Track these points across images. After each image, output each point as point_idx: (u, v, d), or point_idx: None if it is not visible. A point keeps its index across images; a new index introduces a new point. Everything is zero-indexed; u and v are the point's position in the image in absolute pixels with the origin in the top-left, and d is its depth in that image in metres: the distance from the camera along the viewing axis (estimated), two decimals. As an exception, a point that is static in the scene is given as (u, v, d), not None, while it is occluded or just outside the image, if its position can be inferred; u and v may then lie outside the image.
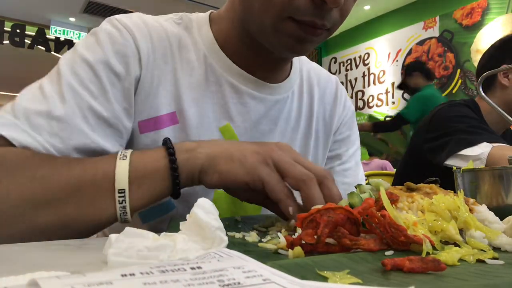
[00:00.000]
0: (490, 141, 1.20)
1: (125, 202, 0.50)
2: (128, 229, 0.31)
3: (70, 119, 0.56)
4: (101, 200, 0.51)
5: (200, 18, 0.75)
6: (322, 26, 0.62)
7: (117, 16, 0.68)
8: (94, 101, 0.59)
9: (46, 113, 0.55)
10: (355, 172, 0.87)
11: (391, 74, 6.10)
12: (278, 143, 0.57)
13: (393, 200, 0.41)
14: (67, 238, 0.49)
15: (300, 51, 0.67)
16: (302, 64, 0.85)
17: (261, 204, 0.61)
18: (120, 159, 0.52)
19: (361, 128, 3.29)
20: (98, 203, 0.51)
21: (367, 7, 6.13)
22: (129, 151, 0.54)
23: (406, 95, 5.79)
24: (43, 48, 6.33)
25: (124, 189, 0.50)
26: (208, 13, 0.77)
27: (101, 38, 0.64)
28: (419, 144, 1.44)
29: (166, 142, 0.55)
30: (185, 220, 0.36)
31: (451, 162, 1.25)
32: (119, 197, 0.50)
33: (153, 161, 0.53)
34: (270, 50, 0.68)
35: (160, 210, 0.68)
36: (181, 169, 0.53)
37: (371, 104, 6.37)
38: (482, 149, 1.18)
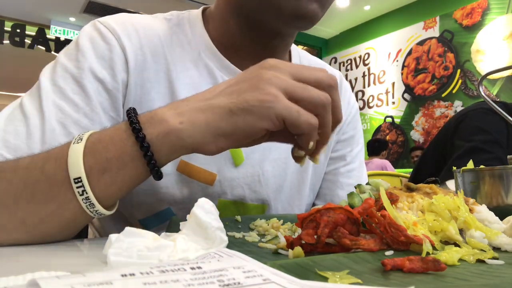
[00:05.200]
0: (486, 161, 1.14)
1: (86, 193, 0.43)
2: (128, 229, 0.31)
3: (50, 138, 0.52)
4: (59, 192, 0.44)
5: (193, 15, 0.71)
6: None
7: (101, 18, 0.64)
8: (78, 114, 0.55)
9: (24, 134, 0.51)
10: (359, 173, 0.84)
11: (391, 74, 6.10)
12: (262, 64, 0.47)
13: (393, 200, 0.41)
14: (35, 241, 0.46)
15: (308, 14, 0.60)
16: (302, 58, 0.82)
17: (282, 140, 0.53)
18: (74, 143, 0.45)
19: None
20: (57, 196, 0.44)
21: (367, 7, 6.13)
22: (87, 133, 0.46)
23: (406, 96, 5.80)
24: (43, 48, 6.32)
25: (80, 177, 0.43)
26: (200, 9, 0.72)
27: (82, 44, 0.60)
28: (446, 144, 1.39)
29: (130, 115, 0.46)
30: (185, 220, 0.36)
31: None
32: (77, 187, 0.43)
33: (116, 142, 0.45)
34: (270, 35, 0.65)
35: (157, 219, 0.66)
36: (156, 146, 0.44)
37: (371, 104, 6.37)
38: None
